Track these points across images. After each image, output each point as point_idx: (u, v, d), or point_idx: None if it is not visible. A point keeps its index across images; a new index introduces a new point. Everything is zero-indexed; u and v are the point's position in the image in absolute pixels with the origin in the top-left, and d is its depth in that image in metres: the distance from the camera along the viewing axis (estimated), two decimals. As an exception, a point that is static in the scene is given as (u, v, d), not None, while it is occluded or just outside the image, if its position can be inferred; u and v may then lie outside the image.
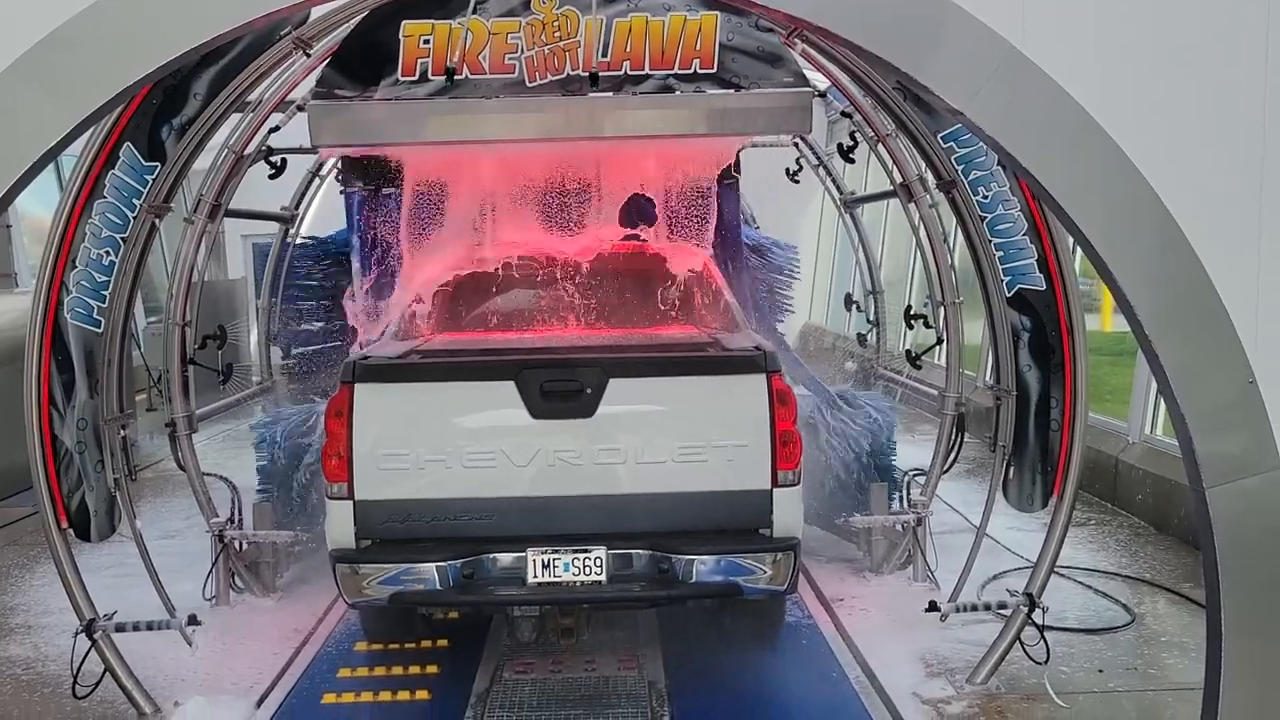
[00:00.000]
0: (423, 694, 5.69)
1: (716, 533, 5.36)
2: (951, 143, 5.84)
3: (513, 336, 6.53)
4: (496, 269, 6.86)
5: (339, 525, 5.35)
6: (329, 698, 5.76)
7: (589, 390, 5.32)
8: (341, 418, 5.32)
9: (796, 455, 5.38)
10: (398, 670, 6.00)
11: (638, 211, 7.32)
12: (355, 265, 7.86)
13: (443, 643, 6.29)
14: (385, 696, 5.63)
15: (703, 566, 5.24)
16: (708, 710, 5.55)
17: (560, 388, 5.32)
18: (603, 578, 5.23)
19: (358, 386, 5.34)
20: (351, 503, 5.31)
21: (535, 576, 5.24)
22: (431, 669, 5.94)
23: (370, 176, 7.77)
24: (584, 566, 5.23)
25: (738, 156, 7.68)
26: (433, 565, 5.21)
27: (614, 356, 5.62)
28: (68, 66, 3.39)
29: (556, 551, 5.23)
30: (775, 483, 5.33)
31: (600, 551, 5.22)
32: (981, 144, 5.76)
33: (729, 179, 7.77)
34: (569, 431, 5.33)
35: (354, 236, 7.90)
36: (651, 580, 5.27)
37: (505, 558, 5.27)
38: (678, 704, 5.58)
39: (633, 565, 5.27)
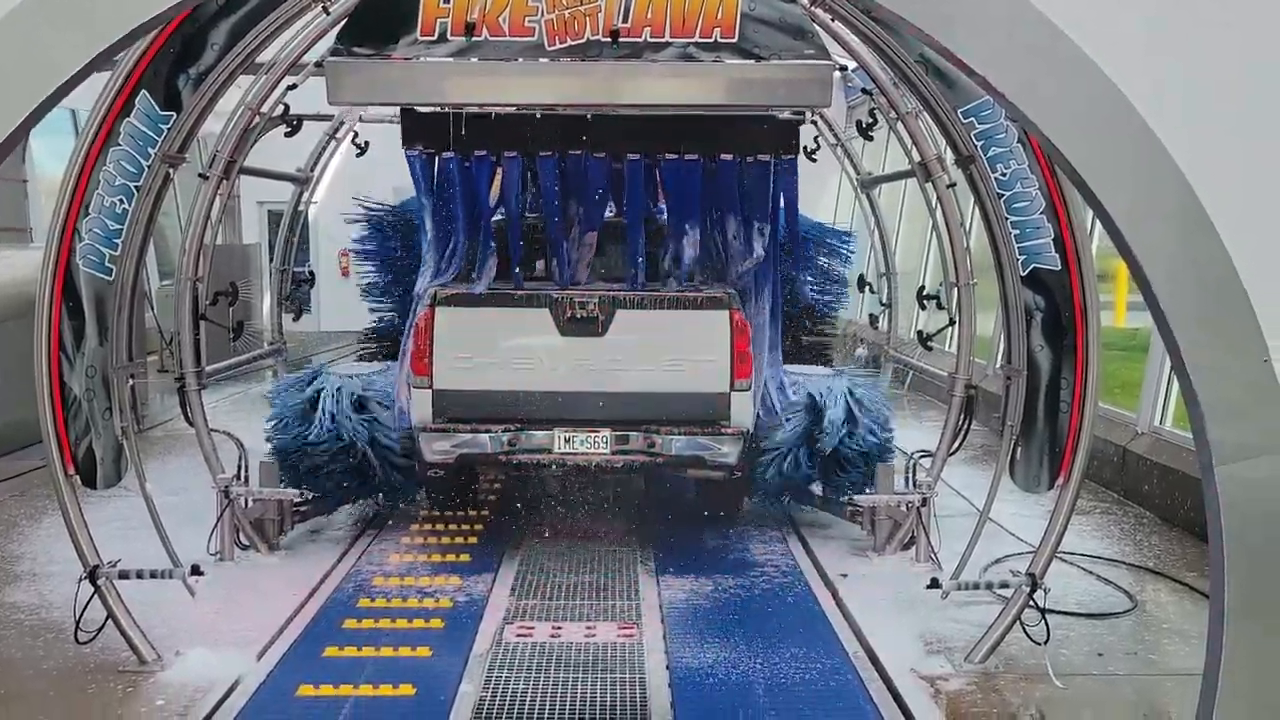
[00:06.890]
0: (423, 650, 5.66)
1: (689, 421, 7.24)
2: (972, 118, 5.79)
3: (549, 283, 7.94)
4: (536, 232, 8.10)
5: (421, 406, 7.29)
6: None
7: (601, 317, 7.23)
8: (426, 331, 7.25)
9: (749, 369, 7.30)
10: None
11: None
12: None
13: (436, 622, 6.24)
14: (374, 690, 5.36)
15: (678, 443, 7.22)
16: (705, 680, 5.55)
17: (581, 314, 7.20)
18: (607, 450, 7.19)
19: (438, 308, 7.29)
20: (431, 390, 7.26)
21: (559, 448, 7.18)
22: (424, 651, 5.78)
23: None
24: (594, 442, 7.19)
25: (798, 134, 7.75)
26: (487, 435, 7.22)
27: (620, 294, 7.42)
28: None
29: (575, 430, 7.17)
30: (733, 388, 7.24)
31: (606, 432, 7.17)
32: (1002, 120, 5.71)
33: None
34: (586, 346, 7.25)
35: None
36: (641, 452, 7.21)
37: (538, 434, 7.19)
38: (676, 673, 5.60)
39: (629, 441, 7.19)
